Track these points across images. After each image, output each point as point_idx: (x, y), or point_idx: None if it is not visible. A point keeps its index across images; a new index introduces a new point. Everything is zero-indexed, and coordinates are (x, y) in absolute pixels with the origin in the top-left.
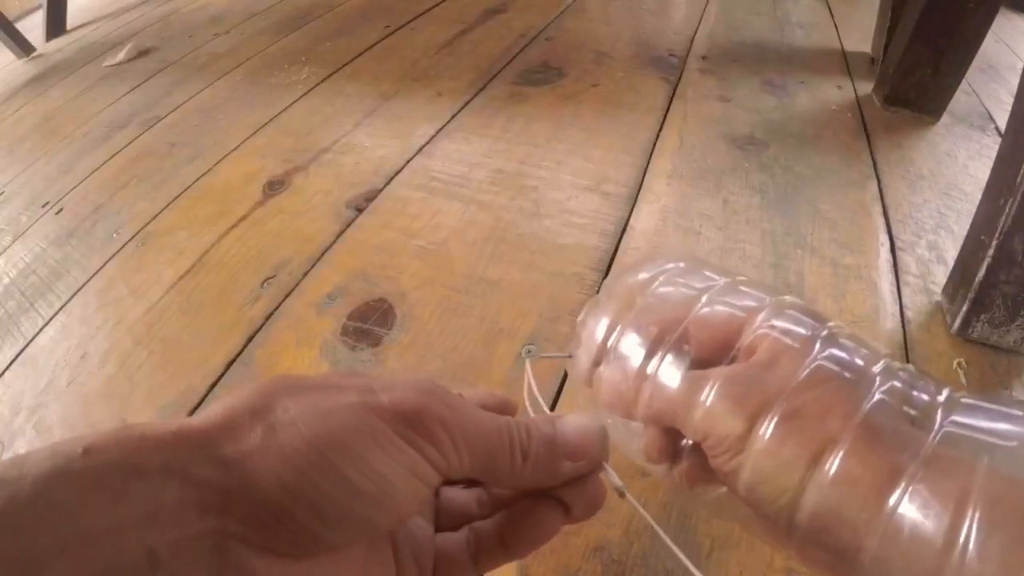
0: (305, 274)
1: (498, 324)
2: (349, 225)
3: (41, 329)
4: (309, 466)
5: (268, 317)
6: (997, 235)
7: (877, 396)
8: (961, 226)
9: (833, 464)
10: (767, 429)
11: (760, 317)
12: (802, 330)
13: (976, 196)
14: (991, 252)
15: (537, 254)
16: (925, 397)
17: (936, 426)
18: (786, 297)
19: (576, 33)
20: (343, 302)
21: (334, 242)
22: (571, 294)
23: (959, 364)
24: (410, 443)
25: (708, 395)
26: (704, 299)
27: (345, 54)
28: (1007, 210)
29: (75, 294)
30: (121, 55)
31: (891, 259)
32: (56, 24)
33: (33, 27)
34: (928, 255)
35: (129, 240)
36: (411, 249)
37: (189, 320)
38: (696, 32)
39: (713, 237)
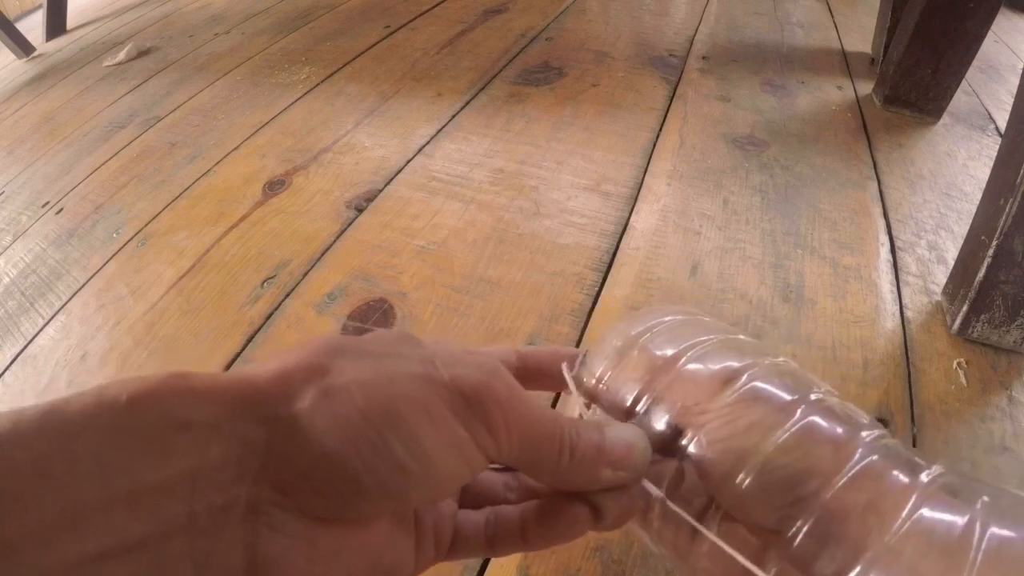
0: (305, 274)
1: (498, 324)
2: (349, 225)
3: (41, 329)
4: (357, 435)
5: (268, 317)
6: (997, 235)
7: (862, 462)
8: (961, 226)
9: (800, 534)
10: (744, 481)
11: (746, 376)
12: (786, 394)
13: (976, 196)
14: (991, 252)
15: (537, 254)
16: (905, 479)
17: (904, 516)
18: (779, 359)
19: (576, 33)
20: (343, 302)
21: (334, 242)
22: (571, 294)
23: (959, 364)
24: (463, 423)
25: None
26: (690, 355)
27: (345, 54)
28: (1007, 210)
29: (75, 294)
30: (121, 55)
31: (891, 259)
32: (56, 24)
33: (33, 27)
34: (928, 255)
35: (129, 240)
36: (411, 249)
37: (189, 320)
38: (696, 32)
39: (713, 237)
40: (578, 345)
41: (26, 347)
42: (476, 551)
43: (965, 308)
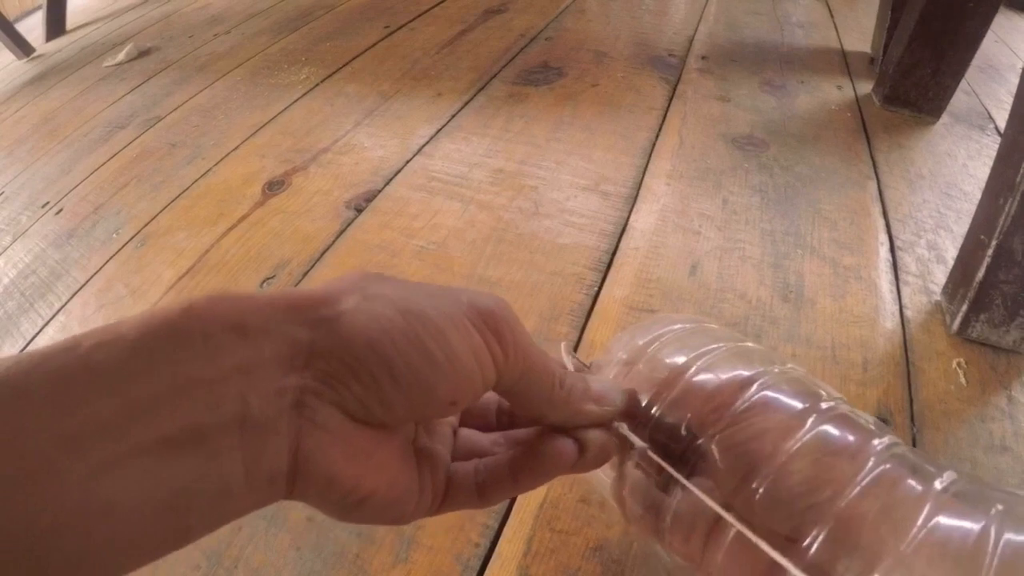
0: (305, 274)
1: None
2: (349, 225)
3: (41, 329)
4: (393, 327)
5: None
6: (997, 235)
7: (875, 470)
8: (961, 226)
9: (816, 542)
10: (758, 488)
11: (757, 384)
12: (798, 402)
13: (976, 196)
14: (991, 252)
15: (537, 254)
16: (919, 488)
17: (919, 524)
18: (787, 365)
19: (576, 33)
20: None
21: (334, 242)
22: (571, 294)
23: (959, 364)
24: (480, 332)
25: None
26: (700, 363)
27: (345, 54)
28: (1007, 210)
29: (75, 294)
30: (121, 55)
31: (891, 259)
32: (56, 24)
33: (33, 27)
34: (928, 255)
35: (129, 240)
36: (411, 249)
37: None
38: (696, 32)
39: (713, 237)
40: (577, 345)
41: (26, 347)
42: (467, 501)
43: (965, 308)
